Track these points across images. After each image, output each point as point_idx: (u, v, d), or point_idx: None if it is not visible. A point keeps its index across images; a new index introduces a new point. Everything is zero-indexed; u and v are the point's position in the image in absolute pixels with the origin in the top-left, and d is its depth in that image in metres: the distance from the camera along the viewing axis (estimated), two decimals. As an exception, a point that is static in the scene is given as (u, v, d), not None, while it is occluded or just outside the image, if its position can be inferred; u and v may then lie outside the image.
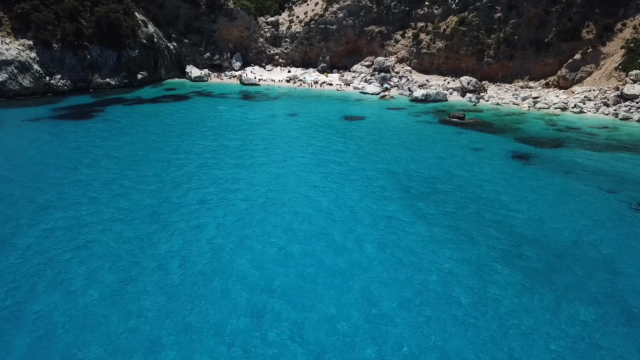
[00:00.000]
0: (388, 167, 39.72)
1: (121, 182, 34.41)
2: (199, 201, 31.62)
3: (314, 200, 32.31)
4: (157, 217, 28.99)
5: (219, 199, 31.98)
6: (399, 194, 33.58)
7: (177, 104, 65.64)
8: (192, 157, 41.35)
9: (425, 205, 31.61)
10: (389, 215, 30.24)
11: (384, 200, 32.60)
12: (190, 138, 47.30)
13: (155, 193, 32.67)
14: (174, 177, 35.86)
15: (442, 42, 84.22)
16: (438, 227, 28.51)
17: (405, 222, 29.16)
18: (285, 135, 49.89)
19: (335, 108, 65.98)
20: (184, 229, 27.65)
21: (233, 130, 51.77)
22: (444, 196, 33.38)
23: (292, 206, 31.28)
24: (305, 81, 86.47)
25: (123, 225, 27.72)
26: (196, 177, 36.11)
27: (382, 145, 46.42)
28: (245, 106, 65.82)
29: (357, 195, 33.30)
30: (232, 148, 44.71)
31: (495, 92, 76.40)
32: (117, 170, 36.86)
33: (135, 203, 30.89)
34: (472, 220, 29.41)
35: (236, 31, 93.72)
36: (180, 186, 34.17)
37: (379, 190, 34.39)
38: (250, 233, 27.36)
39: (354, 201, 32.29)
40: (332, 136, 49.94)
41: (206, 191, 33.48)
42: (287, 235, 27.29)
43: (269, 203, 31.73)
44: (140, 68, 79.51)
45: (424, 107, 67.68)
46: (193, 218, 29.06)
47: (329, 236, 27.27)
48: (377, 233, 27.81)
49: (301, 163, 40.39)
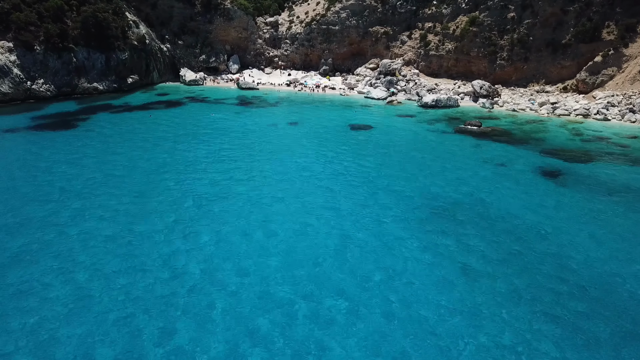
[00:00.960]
0: (403, 190, 34.83)
1: (94, 212, 29.46)
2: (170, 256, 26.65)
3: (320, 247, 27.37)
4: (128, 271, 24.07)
5: (205, 253, 26.77)
6: (423, 236, 28.05)
7: (169, 112, 60.73)
8: (179, 177, 36.43)
9: (459, 249, 26.34)
10: (420, 275, 23.31)
11: (408, 247, 26.66)
12: (180, 154, 42.28)
13: (126, 235, 27.72)
14: (156, 205, 30.93)
15: (451, 43, 79.41)
16: (496, 298, 21.42)
17: (447, 286, 22.58)
18: (287, 150, 44.79)
19: (339, 115, 61.13)
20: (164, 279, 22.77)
21: (228, 143, 46.86)
22: (477, 233, 28.28)
23: (296, 251, 26.39)
24: (306, 85, 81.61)
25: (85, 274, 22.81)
26: (179, 210, 31.08)
27: (394, 162, 41.47)
28: (243, 114, 60.92)
29: (369, 237, 27.84)
30: (226, 166, 39.79)
31: (510, 96, 71.57)
32: (90, 198, 31.89)
33: (103, 245, 25.97)
34: (526, 274, 23.34)
35: (233, 32, 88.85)
36: (163, 218, 29.28)
37: (402, 231, 28.61)
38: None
39: (364, 248, 27.08)
40: (338, 150, 45.06)
41: (189, 228, 28.56)
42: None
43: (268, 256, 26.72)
44: (130, 71, 74.60)
45: (435, 114, 62.83)
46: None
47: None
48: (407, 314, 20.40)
49: (305, 190, 35.32)
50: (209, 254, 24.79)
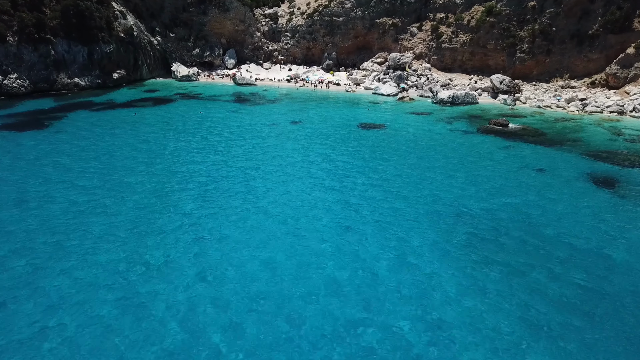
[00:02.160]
0: (433, 204, 28.57)
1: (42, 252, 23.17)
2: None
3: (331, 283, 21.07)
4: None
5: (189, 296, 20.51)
6: (463, 272, 21.56)
7: (157, 109, 54.36)
8: (157, 191, 30.11)
9: (515, 290, 19.99)
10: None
11: (443, 288, 20.21)
12: (161, 159, 35.86)
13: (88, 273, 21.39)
14: (123, 238, 24.59)
15: (466, 35, 73.08)
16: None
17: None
18: (289, 154, 38.20)
19: (346, 113, 54.83)
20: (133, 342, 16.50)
21: (221, 144, 40.55)
22: (534, 264, 21.96)
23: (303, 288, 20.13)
24: (308, 81, 75.29)
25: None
26: (153, 235, 24.79)
27: (416, 169, 35.10)
28: (239, 111, 54.58)
29: (394, 276, 21.35)
30: (217, 174, 33.48)
31: (532, 92, 65.31)
32: (42, 226, 25.61)
33: (56, 285, 19.69)
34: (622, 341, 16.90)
35: (229, 24, 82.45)
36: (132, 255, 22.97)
37: (437, 263, 22.13)
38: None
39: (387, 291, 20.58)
40: (348, 153, 38.77)
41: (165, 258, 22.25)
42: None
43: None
44: (116, 66, 68.24)
45: (453, 112, 56.55)
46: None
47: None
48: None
49: (312, 205, 29.04)
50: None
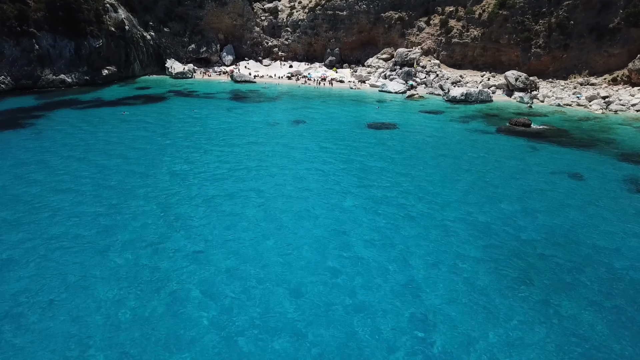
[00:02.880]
0: (465, 223, 24.49)
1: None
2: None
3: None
4: None
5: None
6: (516, 320, 17.02)
7: (147, 108, 50.21)
8: (135, 211, 26.01)
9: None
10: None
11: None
12: (144, 167, 31.54)
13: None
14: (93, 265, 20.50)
15: (477, 29, 69.03)
16: None
17: None
18: (291, 158, 34.04)
19: (352, 112, 50.73)
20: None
21: (215, 146, 36.44)
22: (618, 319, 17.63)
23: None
24: (310, 78, 71.18)
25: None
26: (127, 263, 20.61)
27: (435, 174, 31.03)
28: (236, 110, 50.43)
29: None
30: (210, 184, 29.37)
31: (550, 90, 61.26)
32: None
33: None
34: None
35: (227, 19, 78.27)
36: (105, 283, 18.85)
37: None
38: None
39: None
40: (358, 156, 34.66)
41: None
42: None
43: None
44: (107, 62, 64.06)
45: (467, 110, 52.48)
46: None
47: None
48: None
49: (319, 222, 24.82)
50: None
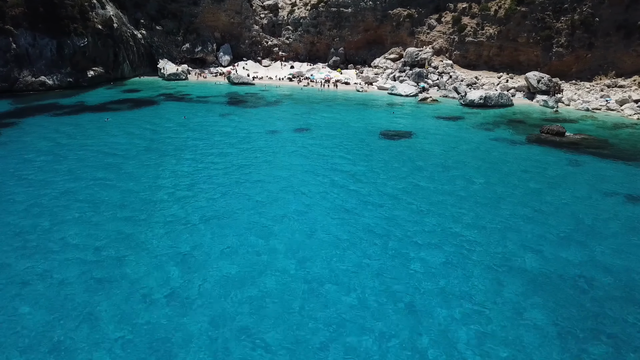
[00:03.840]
0: (519, 261, 19.51)
1: None
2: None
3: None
4: None
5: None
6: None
7: (133, 114, 45.20)
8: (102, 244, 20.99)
9: None
10: None
11: None
12: (120, 193, 26.53)
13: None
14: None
15: (493, 27, 64.08)
16: None
17: None
18: (296, 177, 28.91)
19: (361, 117, 45.73)
20: None
21: (207, 161, 31.42)
22: None
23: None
24: (313, 79, 66.21)
25: None
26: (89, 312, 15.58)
27: (466, 198, 25.98)
28: (232, 116, 45.40)
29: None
30: (190, 234, 24.33)
31: (575, 92, 56.27)
32: None
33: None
34: None
35: (224, 16, 73.35)
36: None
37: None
38: None
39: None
40: (373, 172, 29.64)
41: None
42: None
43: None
44: (92, 62, 59.11)
45: (487, 115, 47.51)
46: None
47: None
48: None
49: (331, 263, 19.86)
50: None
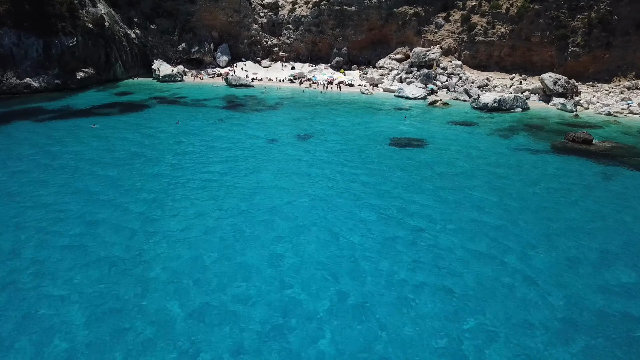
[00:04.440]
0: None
1: None
2: None
3: None
4: None
5: None
6: None
7: (123, 119, 41.97)
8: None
9: None
10: None
11: None
12: (97, 215, 23.42)
13: None
14: None
15: (504, 26, 60.90)
16: None
17: None
18: (295, 194, 25.68)
19: (368, 122, 42.52)
20: None
21: (194, 179, 28.19)
22: None
23: None
24: (315, 81, 63.03)
25: None
26: None
27: (508, 229, 22.72)
28: (229, 121, 42.17)
29: None
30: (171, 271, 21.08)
31: (593, 95, 53.08)
32: None
33: None
34: None
35: (222, 15, 70.16)
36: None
37: None
38: None
39: None
40: (391, 186, 26.43)
41: None
42: None
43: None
44: (82, 63, 55.89)
45: (503, 120, 44.31)
46: None
47: None
48: None
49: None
50: None
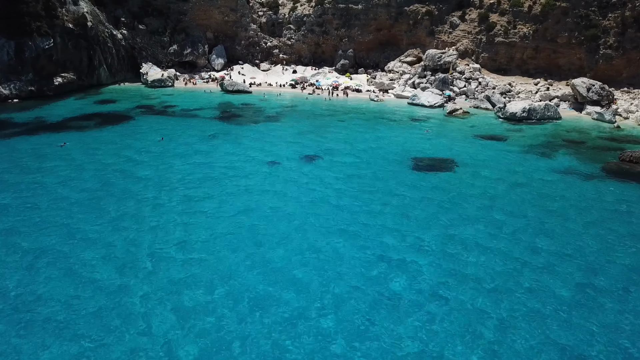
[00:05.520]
0: None
1: None
2: None
3: None
4: None
5: None
6: None
7: (98, 135, 36.25)
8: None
9: None
10: None
11: None
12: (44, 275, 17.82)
13: None
14: None
15: (526, 26, 55.44)
16: None
17: None
18: (324, 267, 19.74)
19: (382, 136, 36.92)
20: None
21: (171, 229, 22.57)
22: None
23: None
24: (319, 86, 57.44)
25: None
26: None
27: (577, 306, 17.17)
28: (221, 137, 36.40)
29: None
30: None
31: (631, 102, 47.54)
32: None
33: None
34: None
35: (217, 14, 64.56)
36: None
37: None
38: None
39: None
40: (418, 241, 20.90)
41: None
42: None
43: None
44: (61, 67, 50.26)
45: (536, 134, 38.73)
46: None
47: None
48: None
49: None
50: None
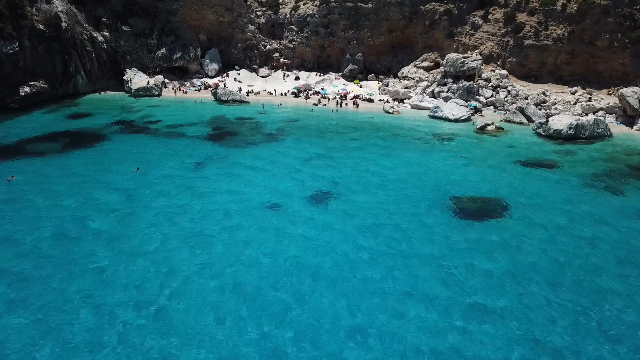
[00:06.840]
0: None
1: None
2: None
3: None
4: None
5: None
6: None
7: (61, 164, 29.73)
8: None
9: None
10: None
11: None
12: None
13: None
14: None
15: (561, 27, 48.99)
16: None
17: None
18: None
19: (409, 163, 30.34)
20: None
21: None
22: None
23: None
24: (325, 95, 50.86)
25: None
26: None
27: None
28: (211, 165, 29.86)
29: None
30: None
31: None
32: None
33: None
34: None
35: (211, 14, 58.14)
36: None
37: None
38: None
39: None
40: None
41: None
42: None
43: None
44: (30, 75, 43.97)
45: (590, 157, 32.21)
46: None
47: None
48: None
49: None
50: None
